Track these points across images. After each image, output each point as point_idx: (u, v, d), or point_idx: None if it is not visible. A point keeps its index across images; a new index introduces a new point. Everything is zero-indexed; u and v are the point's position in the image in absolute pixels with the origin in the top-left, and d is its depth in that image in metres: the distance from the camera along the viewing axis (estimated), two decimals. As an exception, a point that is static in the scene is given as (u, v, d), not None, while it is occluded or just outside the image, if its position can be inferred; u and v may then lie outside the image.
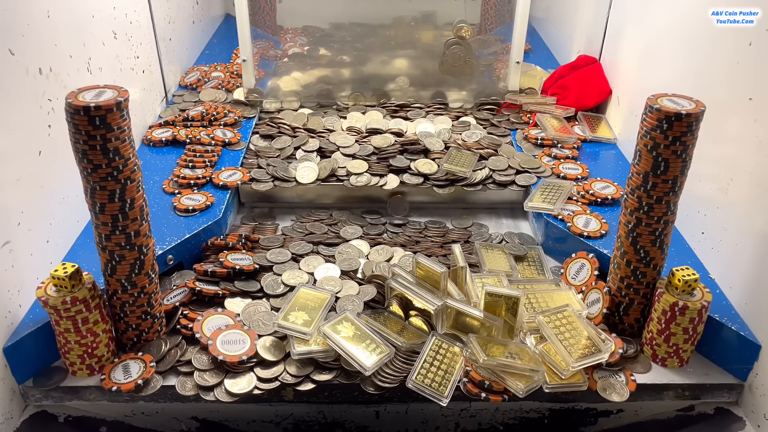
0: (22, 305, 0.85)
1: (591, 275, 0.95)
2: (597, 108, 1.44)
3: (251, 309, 0.91)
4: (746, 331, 0.84)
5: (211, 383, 0.81)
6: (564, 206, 1.09)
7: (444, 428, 0.98)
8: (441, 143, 1.28)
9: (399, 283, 0.89)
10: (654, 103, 0.77)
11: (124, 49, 1.24)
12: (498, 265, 1.01)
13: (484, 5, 1.64)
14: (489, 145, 1.29)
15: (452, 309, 0.86)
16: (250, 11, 1.38)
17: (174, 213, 1.06)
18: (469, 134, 1.33)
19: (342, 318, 0.86)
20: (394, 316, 0.89)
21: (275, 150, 1.27)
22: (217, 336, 0.85)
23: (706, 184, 0.98)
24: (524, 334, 0.86)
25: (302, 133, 1.32)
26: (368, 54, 1.59)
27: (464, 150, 1.25)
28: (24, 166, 0.87)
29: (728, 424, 0.86)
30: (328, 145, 1.27)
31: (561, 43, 1.81)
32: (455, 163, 1.20)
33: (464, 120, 1.41)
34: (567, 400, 0.84)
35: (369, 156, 1.24)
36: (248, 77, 1.46)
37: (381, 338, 0.84)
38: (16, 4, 0.86)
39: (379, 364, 0.81)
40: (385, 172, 1.20)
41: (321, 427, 0.97)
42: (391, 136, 1.30)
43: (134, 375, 0.81)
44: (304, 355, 0.83)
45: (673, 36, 1.14)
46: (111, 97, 0.72)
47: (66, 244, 0.98)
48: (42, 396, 0.83)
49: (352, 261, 1.02)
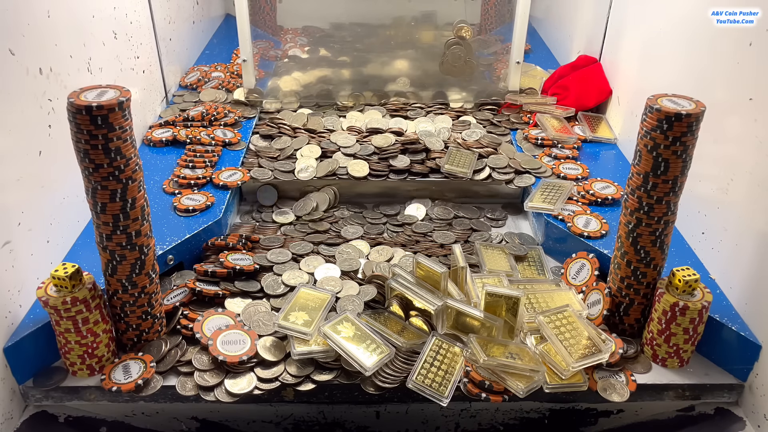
0: (23, 305, 0.85)
1: (591, 275, 0.95)
2: (597, 108, 1.44)
3: (251, 309, 0.91)
4: (746, 331, 0.85)
5: (211, 383, 0.81)
6: (564, 206, 1.09)
7: (444, 428, 0.98)
8: (441, 142, 1.29)
9: (399, 284, 0.89)
10: (654, 104, 0.77)
11: (125, 49, 1.23)
12: (498, 265, 1.01)
13: (484, 5, 1.64)
14: (489, 144, 1.29)
15: (452, 309, 0.86)
16: (250, 11, 1.38)
17: (174, 213, 1.06)
18: (469, 133, 1.34)
19: (342, 318, 0.86)
20: (394, 316, 0.89)
21: (275, 150, 1.27)
22: (218, 336, 0.85)
23: (706, 184, 0.98)
24: (524, 335, 0.86)
25: (302, 134, 1.32)
26: (368, 54, 1.59)
27: (464, 149, 1.26)
28: (24, 166, 0.87)
29: (728, 425, 0.86)
30: (329, 145, 1.28)
31: (561, 43, 1.81)
32: (455, 164, 1.21)
33: (464, 119, 1.41)
34: (567, 400, 0.84)
35: (370, 156, 1.25)
36: (248, 77, 1.46)
37: (381, 338, 0.84)
38: (16, 4, 0.86)
39: (379, 364, 0.81)
40: (386, 172, 1.21)
41: (321, 427, 0.97)
42: (391, 135, 1.30)
43: (134, 375, 0.81)
44: (305, 355, 0.84)
45: (673, 36, 1.14)
46: (113, 96, 0.72)
47: (66, 244, 0.98)
48: (42, 396, 0.83)
49: (352, 261, 1.02)
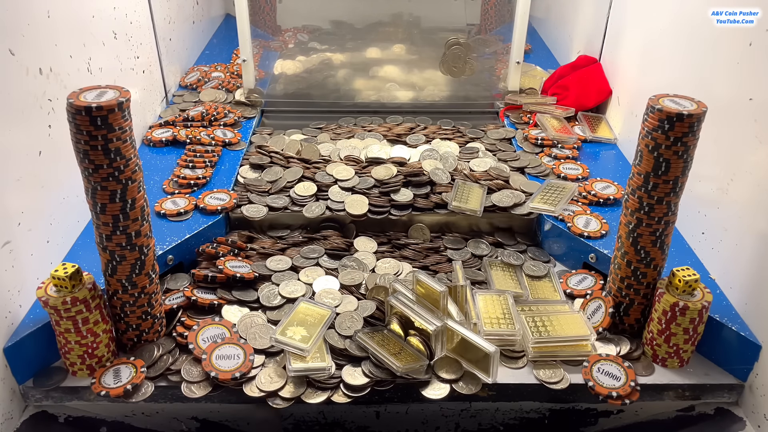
0: (23, 305, 0.85)
1: (597, 283, 0.96)
2: (597, 108, 1.44)
3: (248, 321, 0.90)
4: (746, 331, 0.85)
5: (198, 395, 0.80)
6: (566, 207, 1.09)
7: (444, 428, 0.98)
8: (447, 175, 1.16)
9: (399, 301, 0.87)
10: (656, 104, 0.77)
11: (124, 49, 1.23)
12: (506, 284, 0.99)
13: (484, 5, 1.65)
14: (498, 176, 1.17)
15: (454, 332, 0.84)
16: (250, 11, 1.38)
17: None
18: (477, 162, 1.23)
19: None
20: (393, 335, 0.87)
21: (266, 183, 1.15)
22: (212, 350, 0.83)
23: (706, 184, 0.98)
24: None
25: (296, 164, 1.20)
26: (368, 54, 1.60)
27: (472, 182, 1.15)
28: (24, 166, 0.87)
29: (728, 425, 0.86)
30: (324, 178, 1.16)
31: (561, 43, 1.81)
32: (463, 200, 1.10)
33: (472, 146, 1.31)
34: (567, 400, 0.84)
35: (370, 189, 1.13)
36: (248, 77, 1.46)
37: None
38: (16, 4, 0.86)
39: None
40: (388, 208, 1.11)
41: (321, 427, 0.97)
42: (392, 166, 1.18)
43: (124, 380, 0.81)
44: (300, 372, 0.82)
45: (673, 36, 1.14)
46: (113, 97, 0.72)
47: (66, 244, 0.98)
48: (42, 396, 0.83)
49: (355, 274, 0.99)
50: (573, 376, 0.84)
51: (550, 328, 0.88)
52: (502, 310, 0.90)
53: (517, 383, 0.83)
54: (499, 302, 0.91)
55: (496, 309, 0.90)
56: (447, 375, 0.83)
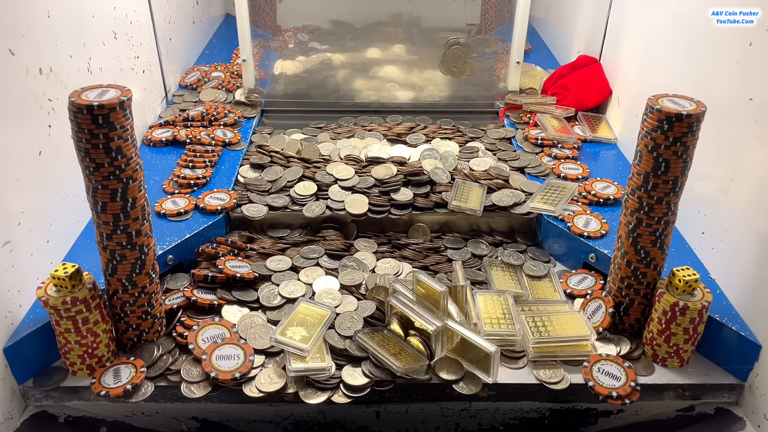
0: (23, 305, 0.85)
1: (597, 283, 0.96)
2: (597, 108, 1.44)
3: (248, 321, 0.90)
4: (746, 331, 0.85)
5: (198, 395, 0.80)
6: (566, 207, 1.09)
7: (444, 428, 0.98)
8: (447, 174, 1.17)
9: (399, 301, 0.87)
10: (655, 104, 0.77)
11: (124, 49, 1.23)
12: (507, 284, 0.99)
13: (484, 5, 1.65)
14: (498, 176, 1.18)
15: (455, 332, 0.84)
16: (250, 11, 1.38)
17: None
18: (477, 162, 1.23)
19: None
20: (393, 335, 0.87)
21: (266, 183, 1.15)
22: (212, 350, 0.83)
23: (706, 184, 0.98)
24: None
25: (296, 164, 1.20)
26: (368, 54, 1.60)
27: (471, 181, 1.15)
28: (24, 166, 0.87)
29: (728, 425, 0.86)
30: (324, 177, 1.16)
31: (561, 43, 1.81)
32: (463, 200, 1.10)
33: (471, 146, 1.31)
34: (567, 400, 0.84)
35: (370, 189, 1.14)
36: (248, 77, 1.46)
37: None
38: (16, 4, 0.86)
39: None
40: (388, 207, 1.11)
41: (321, 427, 0.97)
42: (393, 165, 1.18)
43: (124, 380, 0.81)
44: (300, 372, 0.82)
45: (673, 36, 1.14)
46: (114, 96, 0.72)
47: (66, 244, 0.98)
48: (42, 396, 0.83)
49: (355, 274, 0.99)
50: (573, 376, 0.84)
51: (550, 328, 0.88)
52: (502, 310, 0.90)
53: (517, 383, 0.83)
54: (499, 302, 0.91)
55: (496, 309, 0.90)
56: (447, 375, 0.83)
